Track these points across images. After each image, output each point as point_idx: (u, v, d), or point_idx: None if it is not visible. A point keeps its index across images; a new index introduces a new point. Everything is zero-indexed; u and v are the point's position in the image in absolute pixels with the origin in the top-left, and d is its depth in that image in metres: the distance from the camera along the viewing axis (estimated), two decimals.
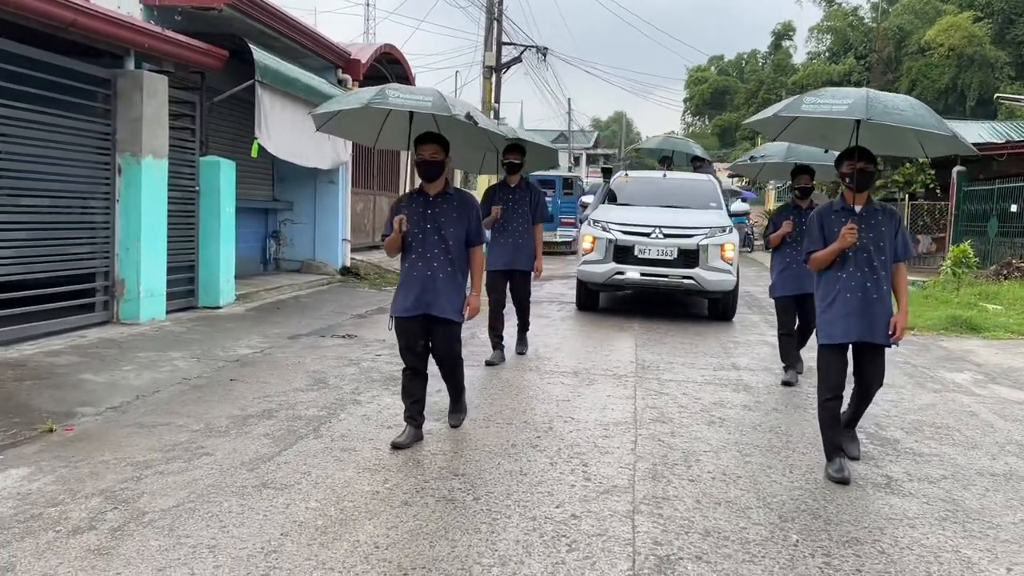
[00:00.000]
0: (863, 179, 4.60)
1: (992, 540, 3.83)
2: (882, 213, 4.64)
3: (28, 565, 3.16)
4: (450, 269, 4.82)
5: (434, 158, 4.77)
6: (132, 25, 7.99)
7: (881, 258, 4.56)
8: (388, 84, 5.12)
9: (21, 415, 5.17)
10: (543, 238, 7.70)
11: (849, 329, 4.53)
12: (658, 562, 3.41)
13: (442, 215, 4.82)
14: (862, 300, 4.52)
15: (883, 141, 5.11)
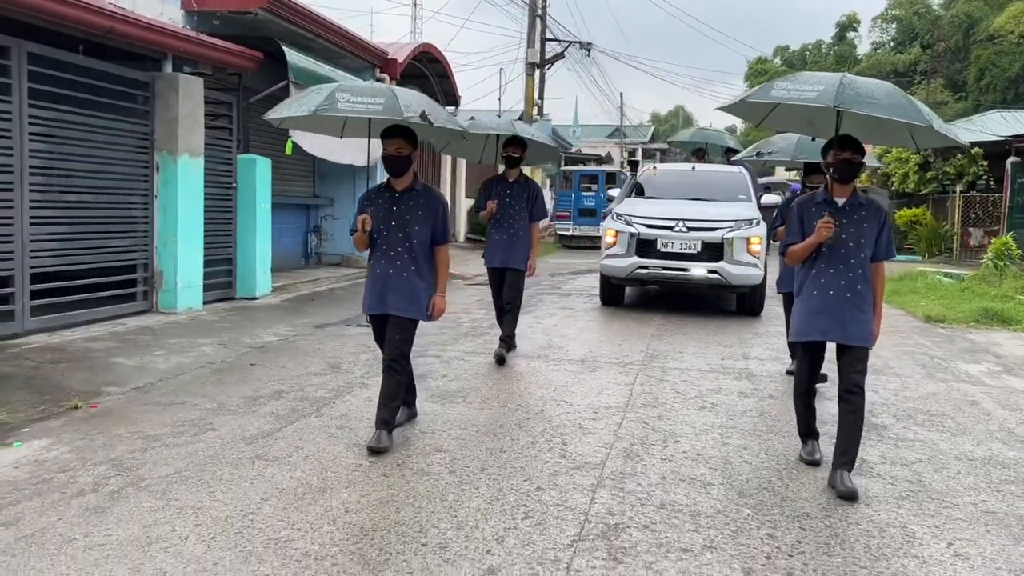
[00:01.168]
0: (847, 170, 4.32)
1: (943, 518, 3.94)
2: (866, 208, 4.34)
3: (31, 520, 3.53)
4: (414, 268, 4.71)
5: (399, 153, 4.65)
6: (168, 30, 8.45)
7: (860, 255, 4.29)
8: (339, 85, 4.96)
9: (52, 393, 5.61)
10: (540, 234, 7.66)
11: (814, 327, 4.31)
12: (605, 529, 3.63)
13: (407, 212, 4.71)
14: (834, 298, 4.27)
15: (872, 130, 4.84)
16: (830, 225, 4.20)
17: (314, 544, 3.38)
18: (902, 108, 4.14)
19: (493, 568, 3.21)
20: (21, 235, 7.08)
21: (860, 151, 4.32)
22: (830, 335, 4.30)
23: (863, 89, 4.09)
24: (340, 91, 4.80)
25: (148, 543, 3.33)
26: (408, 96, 4.87)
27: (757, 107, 4.91)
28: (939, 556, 3.50)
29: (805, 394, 4.60)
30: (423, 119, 4.68)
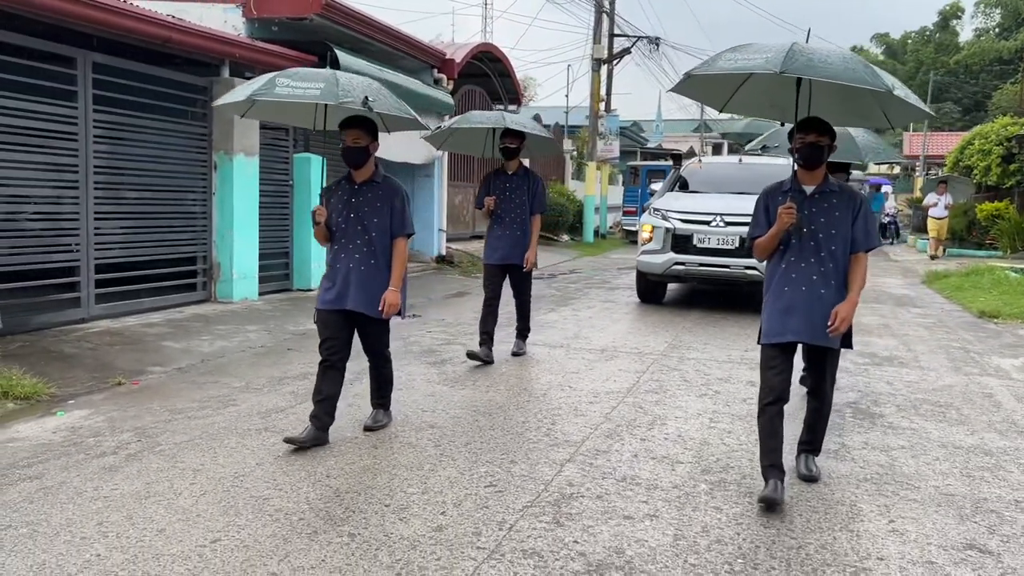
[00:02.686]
0: (813, 154, 3.95)
1: (897, 499, 4.06)
2: (839, 195, 3.99)
3: (53, 475, 4.03)
4: (373, 262, 4.62)
5: (356, 144, 4.54)
6: (223, 38, 9.05)
7: (832, 247, 3.93)
8: (283, 72, 4.76)
9: (102, 371, 6.19)
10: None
11: (785, 327, 3.96)
12: (559, 498, 3.90)
13: (365, 204, 4.61)
14: (805, 295, 3.93)
15: (843, 109, 4.36)
16: (791, 211, 3.85)
17: (289, 502, 3.76)
18: (857, 73, 3.70)
19: (441, 526, 3.53)
20: (86, 229, 7.74)
21: (827, 133, 3.94)
22: (803, 335, 3.96)
23: (816, 55, 3.71)
24: (281, 76, 4.62)
25: (146, 497, 3.78)
26: (351, 81, 4.60)
27: (714, 88, 4.48)
28: (874, 531, 3.65)
29: (773, 404, 3.98)
30: (364, 105, 4.41)
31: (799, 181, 4.03)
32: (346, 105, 4.44)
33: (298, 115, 5.30)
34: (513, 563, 3.21)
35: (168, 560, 3.15)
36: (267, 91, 4.52)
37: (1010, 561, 3.40)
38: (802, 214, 3.93)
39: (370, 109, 4.45)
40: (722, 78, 4.18)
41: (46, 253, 7.49)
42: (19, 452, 4.38)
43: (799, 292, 3.95)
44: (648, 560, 3.28)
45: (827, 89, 3.97)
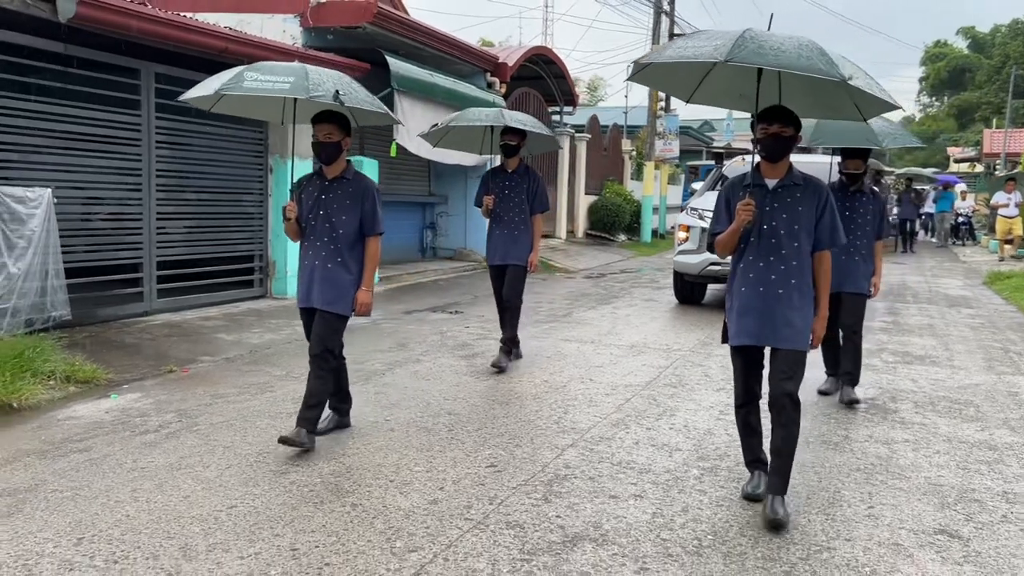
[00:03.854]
0: (775, 146, 3.73)
1: (883, 487, 4.20)
2: (803, 189, 3.76)
3: (99, 449, 4.47)
4: (339, 259, 4.56)
5: (328, 139, 4.49)
6: (277, 47, 9.54)
7: (794, 244, 3.71)
8: (251, 65, 4.65)
9: (156, 360, 6.68)
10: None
11: (743, 329, 3.78)
12: (553, 478, 4.16)
13: (334, 201, 4.55)
14: (764, 295, 3.73)
15: (814, 101, 4.10)
16: (749, 207, 3.63)
17: (303, 476, 4.11)
18: (811, 62, 3.41)
19: (437, 500, 3.83)
20: (149, 228, 8.30)
21: (791, 124, 3.72)
22: (762, 338, 3.76)
23: (769, 42, 3.46)
24: (249, 70, 4.51)
25: (177, 468, 4.18)
26: (322, 76, 4.51)
27: (676, 77, 4.25)
28: (850, 515, 3.81)
29: (742, 408, 3.97)
30: (335, 99, 4.34)
31: (761, 174, 3.81)
32: (316, 100, 4.34)
33: (266, 109, 5.19)
34: (495, 533, 3.49)
35: (187, 521, 3.52)
36: (235, 85, 4.41)
37: (977, 546, 3.52)
38: (763, 210, 3.70)
39: (341, 103, 4.37)
40: (683, 67, 3.94)
41: (113, 250, 8.07)
42: (74, 428, 4.85)
43: (756, 293, 3.74)
44: (622, 534, 3.52)
45: (796, 80, 3.74)
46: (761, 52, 3.37)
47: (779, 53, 3.38)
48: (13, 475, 4.05)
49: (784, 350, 3.73)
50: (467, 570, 3.15)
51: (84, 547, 3.26)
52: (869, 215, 5.81)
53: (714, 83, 4.11)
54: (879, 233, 5.90)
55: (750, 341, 3.79)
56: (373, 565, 3.17)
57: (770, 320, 3.72)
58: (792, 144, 3.76)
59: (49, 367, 5.80)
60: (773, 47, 3.40)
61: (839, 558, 3.37)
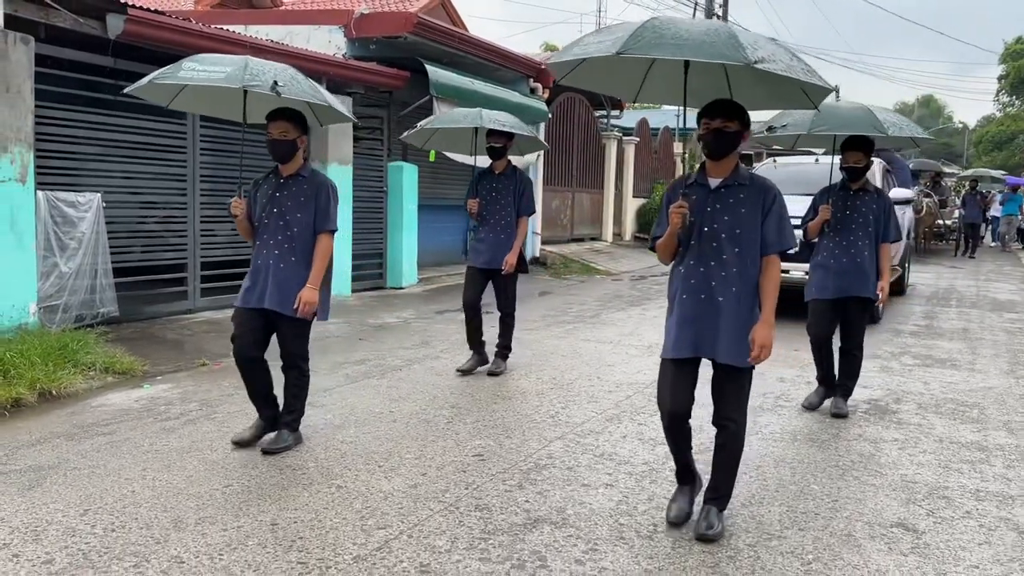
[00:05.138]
0: (718, 142, 3.48)
1: (857, 483, 4.31)
2: (748, 189, 3.50)
3: (122, 433, 4.86)
4: (293, 259, 4.46)
5: (283, 137, 4.42)
6: (318, 58, 9.96)
7: (736, 249, 3.47)
8: (194, 56, 4.56)
9: (192, 354, 7.11)
10: None
11: (680, 341, 3.51)
12: (532, 467, 4.39)
13: (288, 199, 4.47)
14: (704, 303, 3.49)
15: (766, 93, 3.91)
16: (681, 210, 3.44)
17: (300, 460, 4.43)
18: (715, 48, 3.22)
19: (417, 484, 4.10)
20: (193, 231, 8.78)
21: (736, 118, 3.47)
22: (701, 349, 3.51)
23: (671, 31, 3.29)
24: (188, 60, 4.45)
25: (187, 452, 4.54)
26: (263, 67, 4.40)
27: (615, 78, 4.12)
28: (813, 508, 3.95)
29: (671, 425, 3.63)
30: (272, 90, 4.25)
31: (706, 173, 3.59)
32: (252, 90, 4.29)
33: (225, 106, 5.06)
34: (463, 514, 3.74)
35: (184, 497, 3.86)
36: (170, 74, 4.38)
37: (929, 539, 3.63)
38: (704, 211, 3.50)
39: (278, 94, 4.28)
40: (621, 65, 3.80)
41: (160, 252, 8.59)
42: (103, 414, 5.27)
43: (696, 300, 3.50)
44: (583, 518, 3.73)
45: (744, 72, 3.46)
46: (659, 43, 3.24)
47: (680, 42, 3.23)
48: (40, 454, 4.46)
49: (726, 367, 3.52)
50: (427, 546, 3.40)
51: (88, 517, 3.61)
52: (872, 215, 5.54)
53: (657, 80, 3.97)
54: (885, 235, 5.59)
55: (688, 353, 3.51)
56: (342, 539, 3.44)
57: (711, 330, 3.47)
58: (738, 140, 3.50)
59: (90, 359, 6.25)
60: (675, 36, 3.25)
61: (786, 546, 3.51)
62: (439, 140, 7.49)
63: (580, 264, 15.23)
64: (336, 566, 3.21)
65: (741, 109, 3.51)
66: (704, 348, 3.51)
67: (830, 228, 5.65)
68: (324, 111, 4.89)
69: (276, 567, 3.19)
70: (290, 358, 4.64)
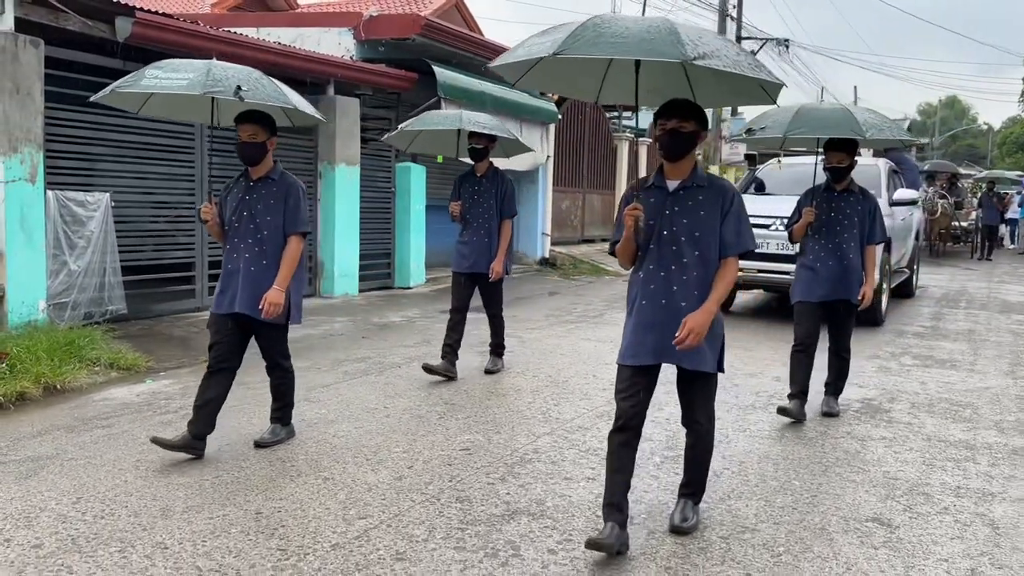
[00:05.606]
0: (674, 144, 3.40)
1: (839, 479, 4.36)
2: (707, 191, 3.44)
3: (121, 425, 4.99)
4: (264, 262, 4.43)
5: (252, 139, 4.40)
6: (326, 60, 10.10)
7: (696, 252, 3.40)
8: (157, 63, 4.55)
9: (197, 351, 7.22)
10: None
11: (640, 347, 3.42)
12: (517, 461, 4.47)
13: (258, 201, 4.45)
14: (664, 308, 3.40)
15: (727, 89, 3.82)
16: (634, 212, 3.35)
17: (291, 453, 4.53)
18: (653, 44, 3.16)
19: (402, 476, 4.19)
20: (201, 230, 8.91)
21: (692, 118, 3.38)
22: (662, 355, 3.42)
23: (612, 29, 3.23)
24: (151, 67, 4.43)
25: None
26: (226, 72, 4.38)
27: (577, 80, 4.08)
28: (789, 503, 4.00)
29: (620, 432, 3.45)
30: (235, 95, 4.23)
31: (664, 176, 3.50)
32: (214, 95, 4.28)
33: (195, 110, 5.02)
34: (444, 505, 3.82)
35: (174, 487, 3.97)
36: (133, 83, 4.38)
37: (903, 533, 3.67)
38: (662, 214, 3.42)
39: (241, 99, 4.25)
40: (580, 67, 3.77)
41: (168, 251, 8.75)
42: (105, 408, 5.40)
43: (657, 305, 3.41)
44: (560, 510, 3.80)
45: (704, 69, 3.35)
46: (597, 42, 3.18)
47: (618, 40, 3.16)
48: (40, 445, 4.59)
49: (691, 374, 3.47)
50: (405, 535, 3.49)
51: (81, 505, 3.73)
52: (857, 217, 5.47)
53: (617, 81, 3.87)
54: (871, 237, 5.53)
55: (650, 360, 3.42)
56: (323, 528, 3.54)
57: (673, 336, 3.33)
58: (695, 140, 3.43)
59: (96, 355, 6.39)
60: (615, 34, 3.18)
61: (759, 539, 3.57)
62: (423, 143, 7.41)
63: (590, 265, 15.29)
64: (314, 553, 3.30)
65: (697, 109, 3.43)
66: (667, 354, 3.41)
67: (815, 230, 5.54)
68: (294, 113, 4.83)
69: (256, 553, 3.29)
70: (271, 359, 4.71)
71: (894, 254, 10.10)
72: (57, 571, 3.11)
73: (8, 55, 6.75)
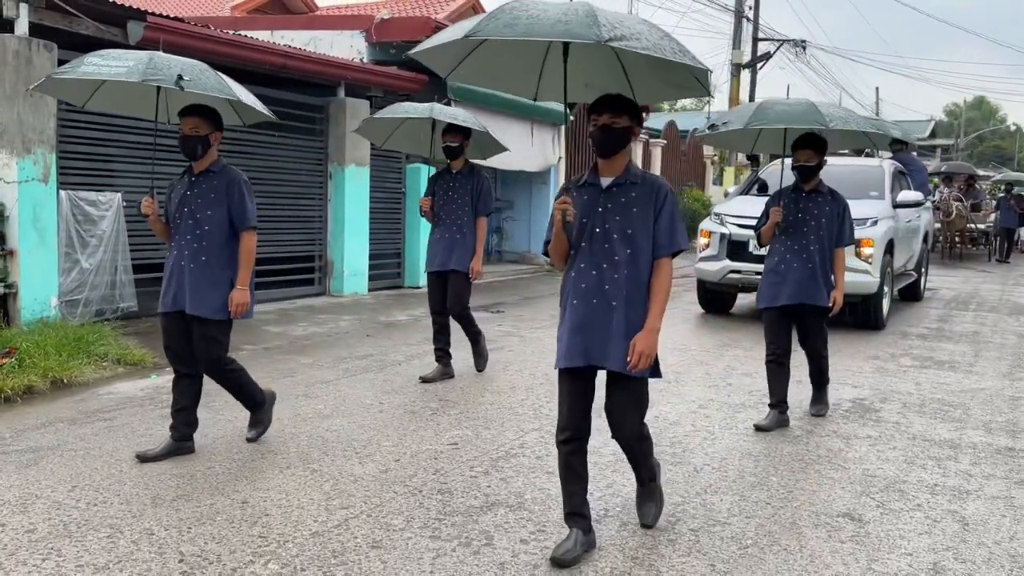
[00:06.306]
0: (606, 138, 3.31)
1: (817, 475, 4.43)
2: (640, 187, 3.34)
3: (123, 419, 5.15)
4: (204, 258, 4.34)
5: (194, 133, 4.32)
6: (333, 62, 10.27)
7: (628, 251, 3.31)
8: (98, 51, 4.47)
9: None
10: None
11: (572, 348, 3.34)
12: (503, 455, 4.58)
13: (199, 196, 4.36)
14: (596, 308, 3.32)
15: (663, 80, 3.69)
16: (564, 205, 3.24)
17: (283, 446, 4.67)
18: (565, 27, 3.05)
19: (388, 469, 4.31)
20: None
21: (625, 113, 3.30)
22: (592, 357, 3.33)
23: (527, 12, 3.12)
24: (91, 55, 4.35)
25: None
26: (169, 61, 4.28)
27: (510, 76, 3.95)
28: (764, 498, 4.07)
29: (565, 444, 3.41)
30: (176, 84, 4.13)
31: (597, 173, 3.40)
32: (154, 83, 4.19)
33: (143, 104, 4.86)
34: (426, 496, 3.94)
35: (167, 477, 4.12)
36: (71, 70, 4.29)
37: (872, 528, 3.74)
38: (595, 211, 3.33)
39: (182, 88, 4.17)
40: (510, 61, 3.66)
41: None
42: (109, 401, 5.57)
43: (587, 305, 3.33)
44: (538, 502, 3.91)
45: (639, 61, 3.35)
46: (513, 24, 3.07)
47: (533, 21, 3.05)
48: (43, 436, 4.76)
49: (622, 379, 3.35)
50: (383, 525, 3.61)
51: (76, 493, 3.89)
52: (825, 218, 5.31)
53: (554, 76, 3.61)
54: (840, 239, 5.36)
55: (580, 361, 3.34)
56: (305, 517, 3.67)
57: (602, 337, 3.29)
58: (628, 136, 3.34)
59: (103, 350, 6.58)
60: (530, 16, 3.08)
61: (729, 532, 3.65)
62: (398, 139, 7.29)
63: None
64: (293, 540, 3.43)
65: (631, 104, 3.34)
66: (595, 355, 3.32)
67: (781, 231, 5.40)
68: (241, 107, 4.74)
69: (238, 540, 3.42)
70: (208, 362, 4.48)
71: (899, 257, 10.05)
72: (47, 554, 3.25)
73: (22, 59, 6.96)
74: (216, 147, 4.46)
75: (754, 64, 22.90)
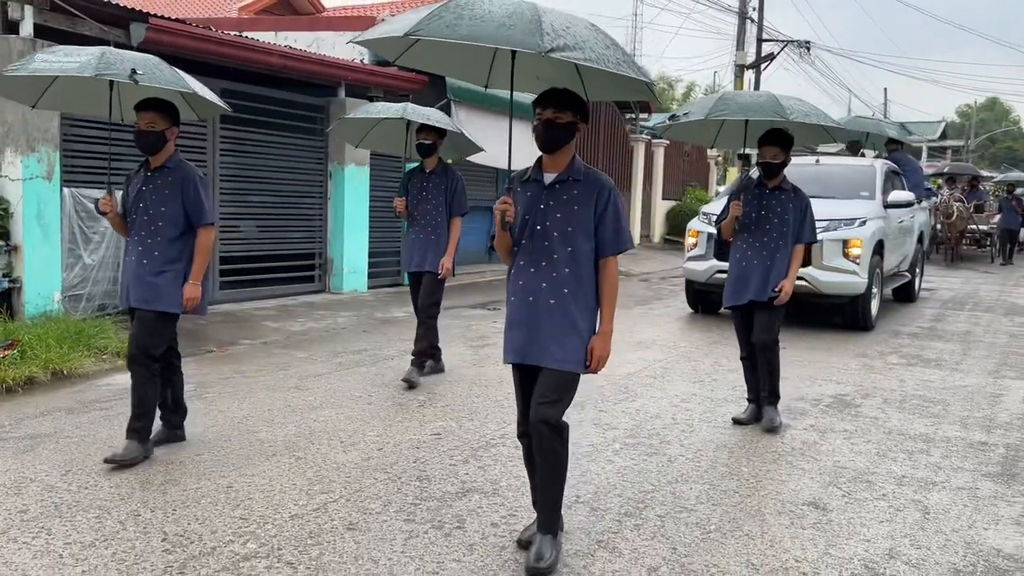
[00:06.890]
0: (549, 134, 3.23)
1: (788, 467, 4.55)
2: (582, 185, 3.27)
3: (118, 408, 5.30)
4: (156, 253, 4.33)
5: (150, 128, 4.29)
6: (335, 63, 10.42)
7: (568, 248, 3.25)
8: (50, 47, 4.46)
9: (203, 341, 7.58)
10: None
11: (511, 345, 3.34)
12: (483, 445, 4.73)
13: (153, 192, 4.34)
14: (531, 306, 3.27)
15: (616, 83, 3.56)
16: (504, 205, 3.22)
17: (271, 435, 4.82)
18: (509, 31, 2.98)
19: (369, 457, 4.46)
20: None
21: (569, 108, 3.23)
22: (527, 355, 3.29)
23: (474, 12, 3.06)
24: (43, 52, 4.35)
25: None
26: (122, 56, 4.24)
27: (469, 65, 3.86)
28: (734, 487, 4.20)
29: (523, 437, 3.46)
30: (130, 78, 4.10)
31: (541, 169, 3.33)
32: (107, 78, 4.15)
33: (96, 102, 4.83)
34: (404, 483, 4.09)
35: (157, 463, 4.28)
36: (22, 66, 4.25)
37: (834, 516, 3.87)
38: (536, 208, 3.27)
39: (136, 82, 4.12)
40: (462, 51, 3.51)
41: None
42: (107, 392, 5.74)
43: (523, 303, 3.30)
44: (513, 489, 4.05)
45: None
46: (455, 24, 3.00)
47: (476, 24, 2.99)
48: (41, 424, 4.93)
49: (550, 370, 3.25)
50: (361, 509, 3.75)
51: (68, 477, 4.05)
52: (788, 215, 5.26)
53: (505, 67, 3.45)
54: (799, 236, 5.31)
55: (515, 359, 3.34)
56: (287, 501, 3.82)
57: (537, 335, 3.26)
58: (572, 131, 3.25)
59: (104, 343, 6.75)
60: (474, 16, 3.02)
61: (694, 518, 3.79)
62: (374, 140, 7.19)
63: None
64: (273, 521, 3.58)
65: (576, 98, 3.26)
66: (530, 354, 3.28)
67: (743, 228, 5.37)
68: (197, 101, 4.73)
69: (220, 521, 3.57)
70: (142, 355, 4.37)
71: (890, 258, 10.09)
72: (37, 533, 3.42)
73: None
74: (173, 142, 4.45)
75: (758, 65, 22.97)
